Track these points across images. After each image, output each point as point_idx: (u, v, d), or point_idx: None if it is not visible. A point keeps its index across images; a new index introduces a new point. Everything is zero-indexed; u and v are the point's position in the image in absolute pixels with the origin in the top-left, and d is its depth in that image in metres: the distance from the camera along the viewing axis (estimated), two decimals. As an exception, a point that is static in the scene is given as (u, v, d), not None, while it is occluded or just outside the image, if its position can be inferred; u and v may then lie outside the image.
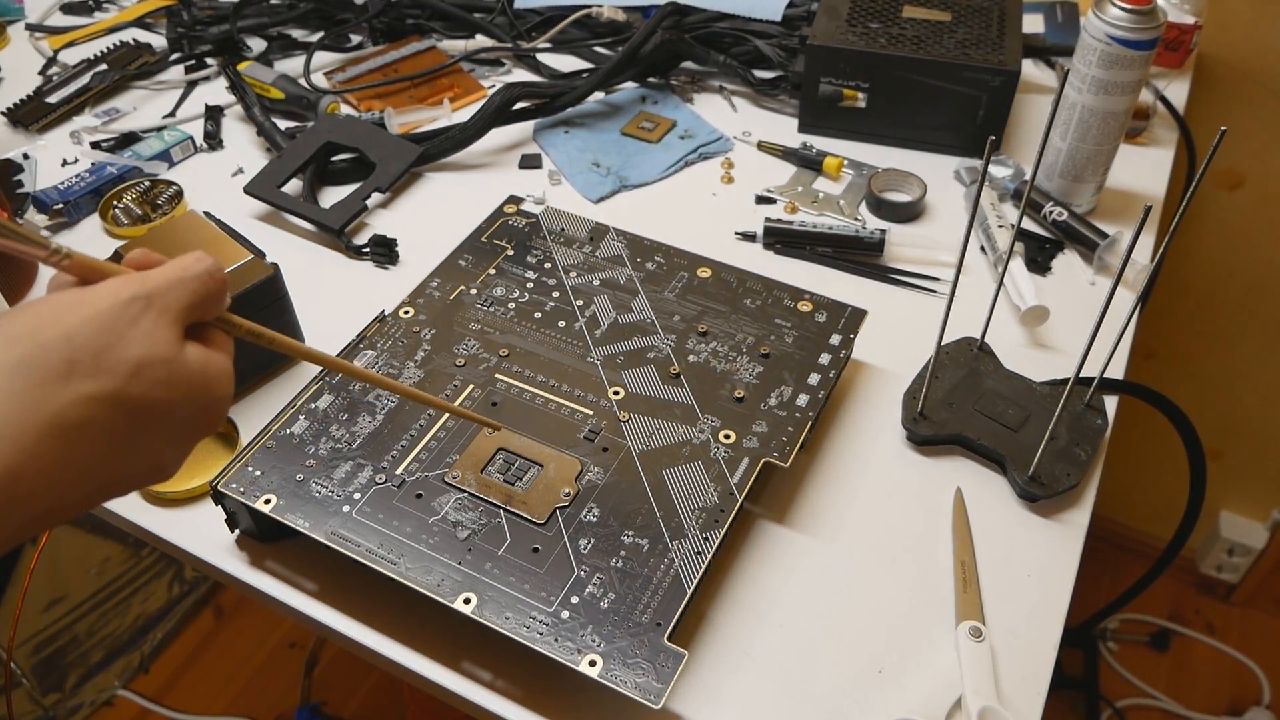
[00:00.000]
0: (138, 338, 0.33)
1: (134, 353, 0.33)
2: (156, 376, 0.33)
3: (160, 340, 0.34)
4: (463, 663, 0.52)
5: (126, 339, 0.33)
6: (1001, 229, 0.77)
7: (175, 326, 0.35)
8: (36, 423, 0.31)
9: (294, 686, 1.44)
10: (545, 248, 0.71)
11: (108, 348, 0.32)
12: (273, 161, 0.82)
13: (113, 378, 0.32)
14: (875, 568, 0.57)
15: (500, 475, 0.55)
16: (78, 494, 0.33)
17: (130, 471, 0.34)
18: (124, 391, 0.32)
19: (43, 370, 0.31)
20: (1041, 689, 0.51)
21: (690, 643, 0.53)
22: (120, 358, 0.33)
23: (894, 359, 0.69)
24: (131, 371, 0.33)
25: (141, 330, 0.33)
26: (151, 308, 0.34)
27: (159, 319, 0.34)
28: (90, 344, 0.32)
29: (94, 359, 0.32)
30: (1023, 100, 0.95)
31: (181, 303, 0.35)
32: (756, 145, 0.89)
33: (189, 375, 0.35)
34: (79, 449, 0.32)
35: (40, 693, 1.32)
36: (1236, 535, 1.48)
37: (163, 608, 1.47)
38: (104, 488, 0.34)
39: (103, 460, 0.33)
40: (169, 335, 0.34)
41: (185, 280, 0.36)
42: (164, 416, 0.34)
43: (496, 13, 1.03)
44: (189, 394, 0.35)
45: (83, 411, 0.32)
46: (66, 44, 1.02)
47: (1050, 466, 0.59)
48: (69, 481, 0.32)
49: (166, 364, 0.34)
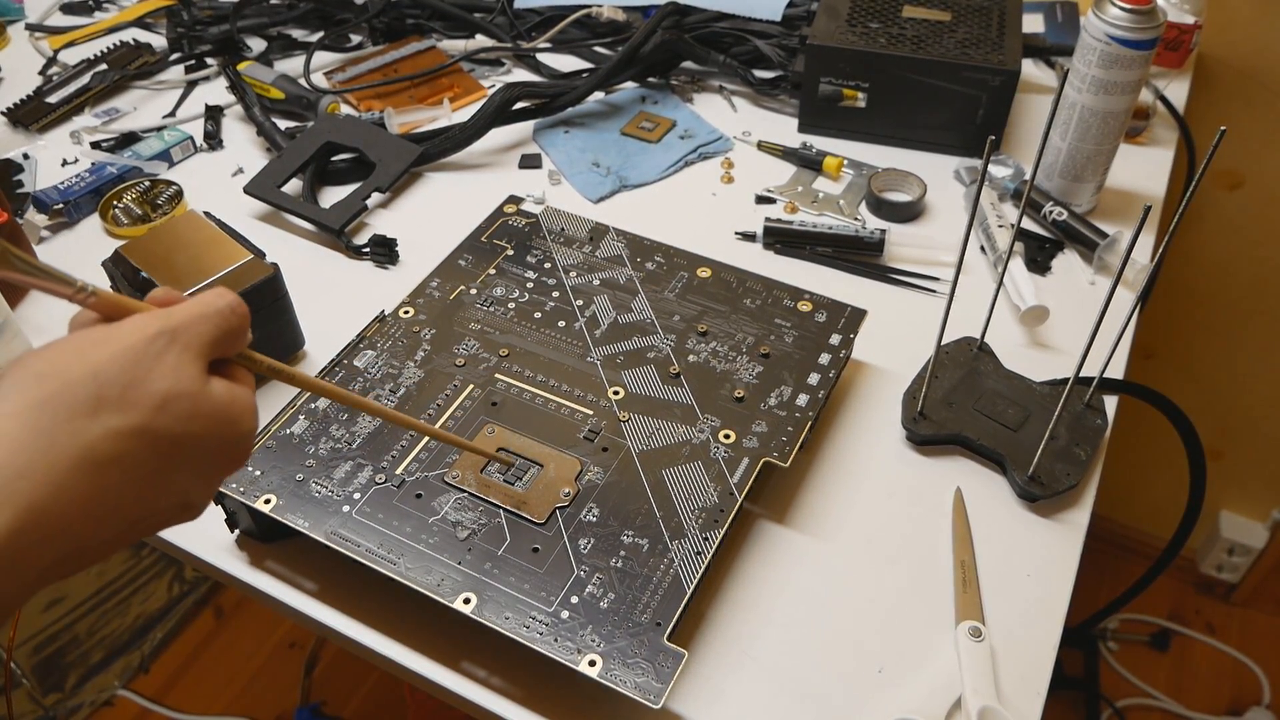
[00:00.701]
0: (163, 372, 0.34)
1: (160, 387, 0.33)
2: (182, 410, 0.34)
3: (185, 375, 0.34)
4: (463, 663, 0.52)
5: (152, 374, 0.33)
6: (1001, 229, 0.77)
7: (200, 361, 0.35)
8: (66, 458, 0.31)
9: (294, 686, 1.44)
10: (545, 248, 0.71)
11: (134, 383, 0.33)
12: (273, 161, 0.82)
13: (140, 412, 0.33)
14: (875, 568, 0.57)
15: (500, 475, 0.55)
16: (107, 531, 0.33)
17: (158, 508, 0.35)
18: (151, 425, 0.33)
19: (70, 406, 0.32)
20: (1041, 689, 0.51)
21: (690, 643, 0.53)
22: (147, 392, 0.33)
23: (894, 359, 0.69)
24: (158, 406, 0.33)
25: (167, 365, 0.34)
26: (176, 343, 0.34)
27: (183, 354, 0.34)
28: (117, 379, 0.32)
29: (121, 394, 0.32)
30: (1023, 100, 0.95)
31: (205, 338, 0.36)
32: (756, 145, 0.89)
33: (214, 409, 0.35)
34: (108, 484, 0.32)
35: (40, 693, 1.33)
36: (1236, 535, 1.48)
37: (163, 608, 1.47)
38: (134, 525, 0.34)
39: (132, 496, 0.33)
40: (194, 370, 0.35)
41: (208, 316, 0.36)
42: (190, 451, 0.34)
43: (496, 13, 1.03)
44: (214, 428, 0.35)
45: (112, 446, 0.32)
46: (66, 44, 1.02)
47: (1050, 466, 0.59)
48: (99, 517, 0.32)
49: (192, 398, 0.34)
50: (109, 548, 0.34)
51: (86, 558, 0.33)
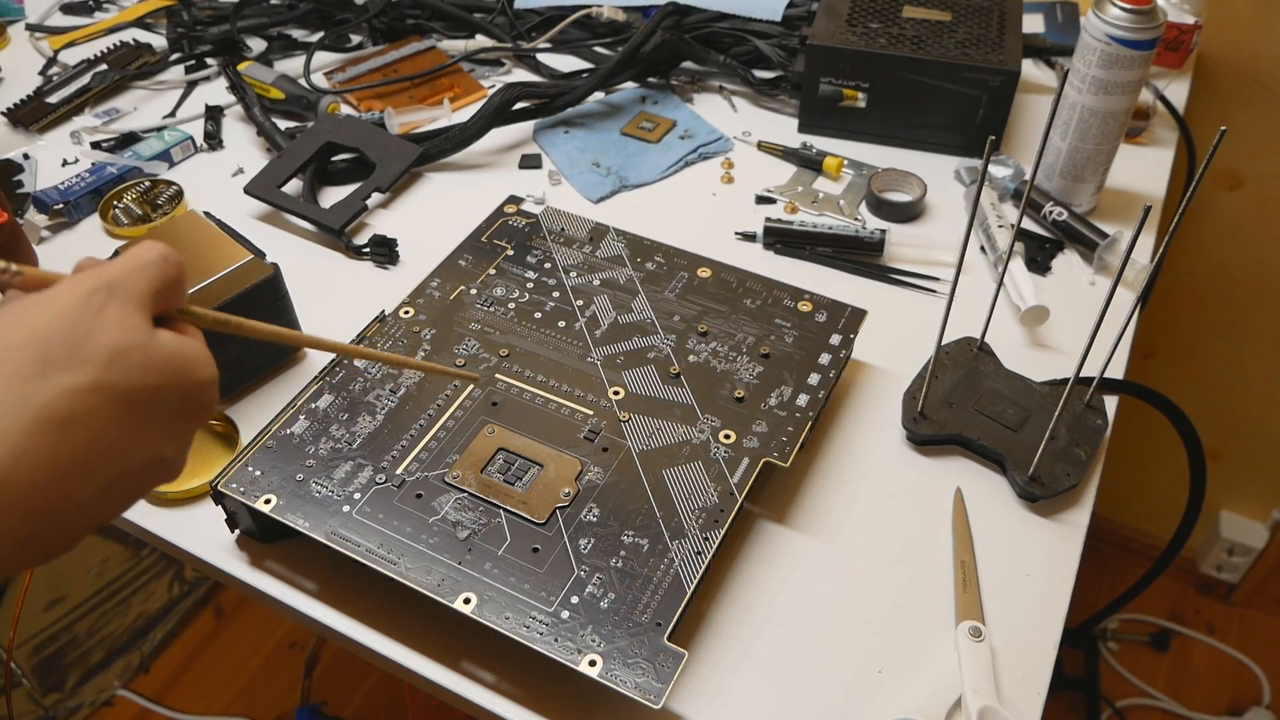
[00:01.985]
0: (107, 326, 0.33)
1: (106, 341, 0.32)
2: (134, 361, 0.33)
3: (130, 326, 0.33)
4: (463, 663, 0.52)
5: (95, 329, 0.32)
6: (1001, 229, 0.77)
7: (142, 313, 0.34)
8: (23, 419, 0.30)
9: (294, 686, 1.44)
10: (545, 248, 0.71)
11: (79, 340, 0.32)
12: (273, 161, 0.82)
13: (91, 368, 0.32)
14: (875, 568, 0.57)
15: (500, 475, 0.55)
16: (82, 491, 0.32)
17: (133, 465, 0.34)
18: (105, 380, 0.32)
19: (17, 370, 0.31)
20: (1041, 689, 0.51)
21: (690, 643, 0.53)
22: (94, 347, 0.32)
23: (894, 359, 0.69)
24: (108, 360, 0.32)
25: (109, 319, 0.33)
26: (114, 296, 0.33)
27: (124, 306, 0.34)
28: (61, 338, 0.32)
29: (68, 352, 0.32)
30: (1023, 100, 0.95)
31: (142, 289, 0.35)
32: (756, 145, 0.89)
33: (168, 358, 0.34)
34: (72, 442, 0.31)
35: (40, 693, 1.33)
36: (1236, 535, 1.48)
37: (163, 608, 1.47)
38: (112, 484, 0.33)
39: (101, 453, 0.32)
40: (137, 321, 0.34)
41: (140, 267, 0.35)
42: (152, 403, 0.34)
43: (496, 13, 1.03)
44: (171, 378, 0.34)
45: (68, 403, 0.31)
46: (66, 44, 1.02)
47: (1050, 466, 0.59)
48: (70, 477, 0.31)
49: (142, 348, 0.33)
50: (91, 513, 0.33)
51: (68, 525, 0.32)
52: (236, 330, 0.40)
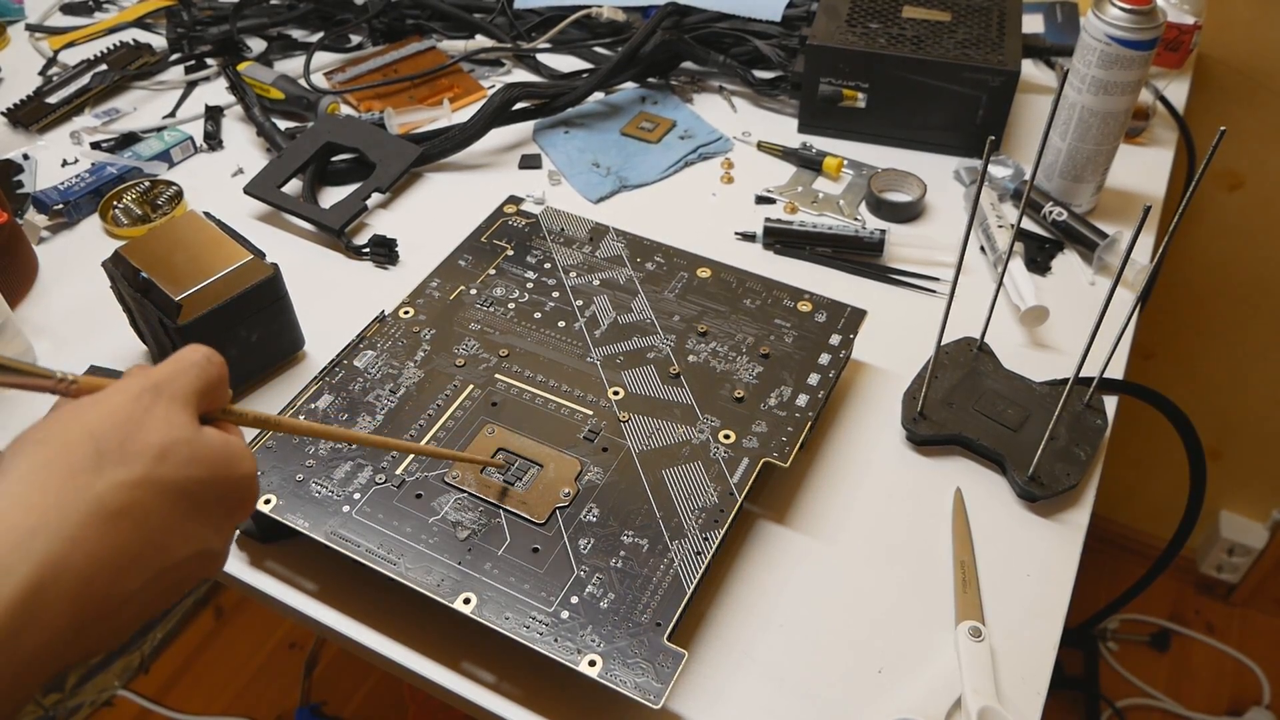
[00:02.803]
0: (156, 424, 0.35)
1: (155, 438, 0.34)
2: (181, 457, 0.35)
3: (177, 424, 0.35)
4: (463, 663, 0.52)
5: (145, 426, 0.34)
6: (1001, 229, 0.77)
7: (188, 410, 0.36)
8: (77, 512, 0.32)
9: (294, 686, 1.44)
10: (545, 248, 0.71)
11: (130, 437, 0.34)
12: (273, 162, 0.82)
13: (141, 463, 0.34)
14: (875, 568, 0.57)
15: (500, 475, 0.55)
16: (131, 582, 0.33)
17: (179, 558, 0.35)
18: (154, 474, 0.34)
19: (73, 464, 0.33)
20: (1041, 689, 0.51)
21: (690, 643, 0.53)
22: (144, 443, 0.34)
23: (894, 359, 0.69)
24: (157, 455, 0.34)
25: (158, 417, 0.35)
26: (162, 395, 0.36)
27: (171, 404, 0.36)
28: (113, 435, 0.34)
29: (120, 448, 0.33)
30: (1023, 100, 0.95)
31: (188, 389, 0.37)
32: (756, 145, 0.89)
33: (212, 454, 0.36)
34: (122, 535, 0.33)
35: (40, 693, 1.33)
36: (1236, 535, 1.48)
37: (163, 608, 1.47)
38: (158, 577, 0.34)
39: (149, 544, 0.34)
40: (184, 418, 0.36)
41: (186, 369, 0.37)
42: (197, 495, 0.35)
43: (496, 13, 1.03)
44: (216, 472, 0.36)
45: (120, 496, 0.33)
46: (66, 44, 1.02)
47: (1050, 466, 0.59)
48: (118, 569, 0.33)
49: (189, 444, 0.35)
50: (138, 606, 0.34)
51: (116, 618, 0.33)
52: (276, 428, 0.43)
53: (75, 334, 0.71)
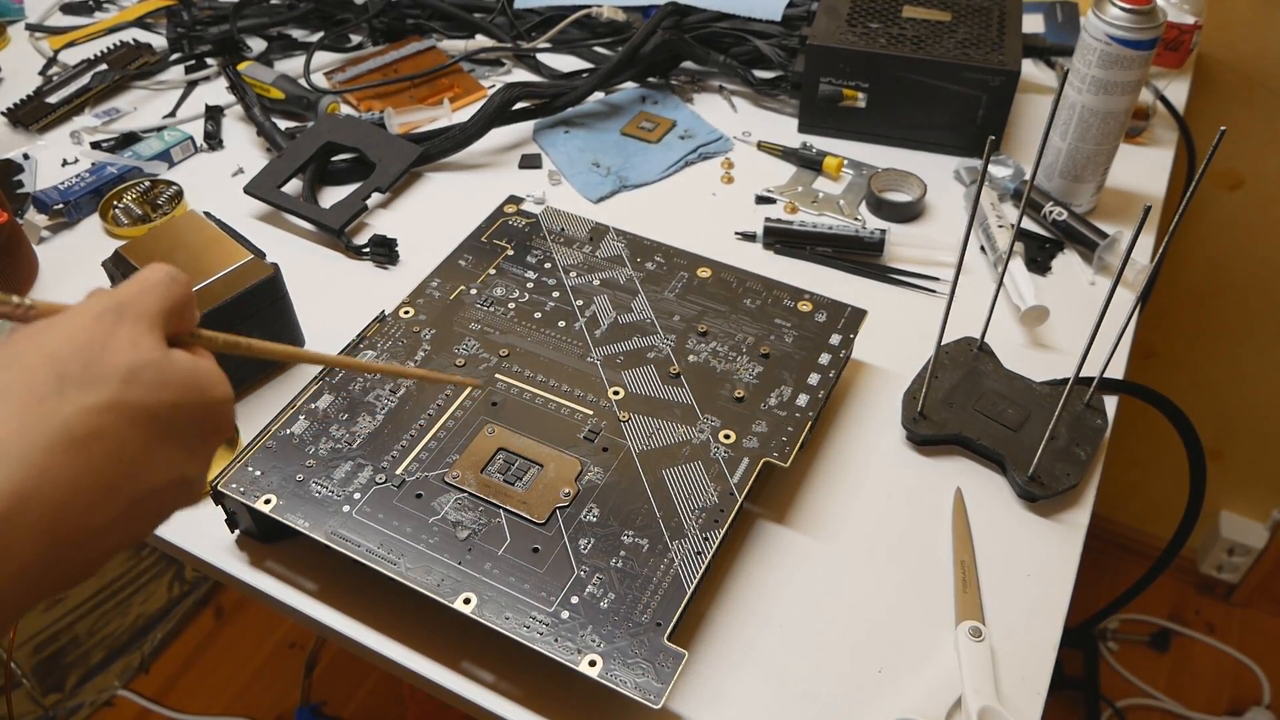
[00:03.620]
0: (121, 345, 0.33)
1: (121, 359, 0.32)
2: (150, 379, 0.33)
3: (144, 345, 0.33)
4: (463, 663, 0.52)
5: (109, 348, 0.32)
6: (1001, 229, 0.77)
7: (154, 332, 0.34)
8: (42, 439, 0.30)
9: (294, 686, 1.44)
10: (545, 248, 0.71)
11: (93, 359, 0.32)
12: (273, 161, 0.82)
13: (107, 386, 0.32)
14: (875, 568, 0.57)
15: (500, 475, 0.55)
16: (106, 512, 0.32)
17: (155, 485, 0.33)
18: (122, 398, 0.32)
19: (33, 390, 0.31)
20: (1041, 689, 0.51)
21: (690, 643, 0.53)
22: (109, 366, 0.32)
23: (894, 359, 0.69)
24: (124, 378, 0.32)
25: (123, 338, 0.33)
26: (125, 316, 0.34)
27: (135, 325, 0.34)
28: (75, 358, 0.32)
29: (83, 371, 0.31)
30: (1023, 100, 0.95)
31: (153, 309, 0.35)
32: (756, 145, 0.89)
33: (183, 376, 0.34)
34: (92, 460, 0.31)
35: (40, 693, 1.33)
36: (1236, 535, 1.48)
37: (163, 608, 1.47)
38: (134, 505, 0.33)
39: (121, 472, 0.32)
40: (151, 340, 0.34)
41: (149, 288, 0.35)
42: (170, 420, 0.33)
43: (496, 13, 1.03)
44: (187, 395, 0.34)
45: (87, 422, 0.31)
46: (66, 44, 1.02)
47: (1050, 466, 0.59)
48: (92, 497, 0.31)
49: (156, 365, 0.33)
50: (113, 536, 0.32)
51: (91, 548, 0.32)
52: (248, 352, 0.40)
53: (75, 334, 0.71)
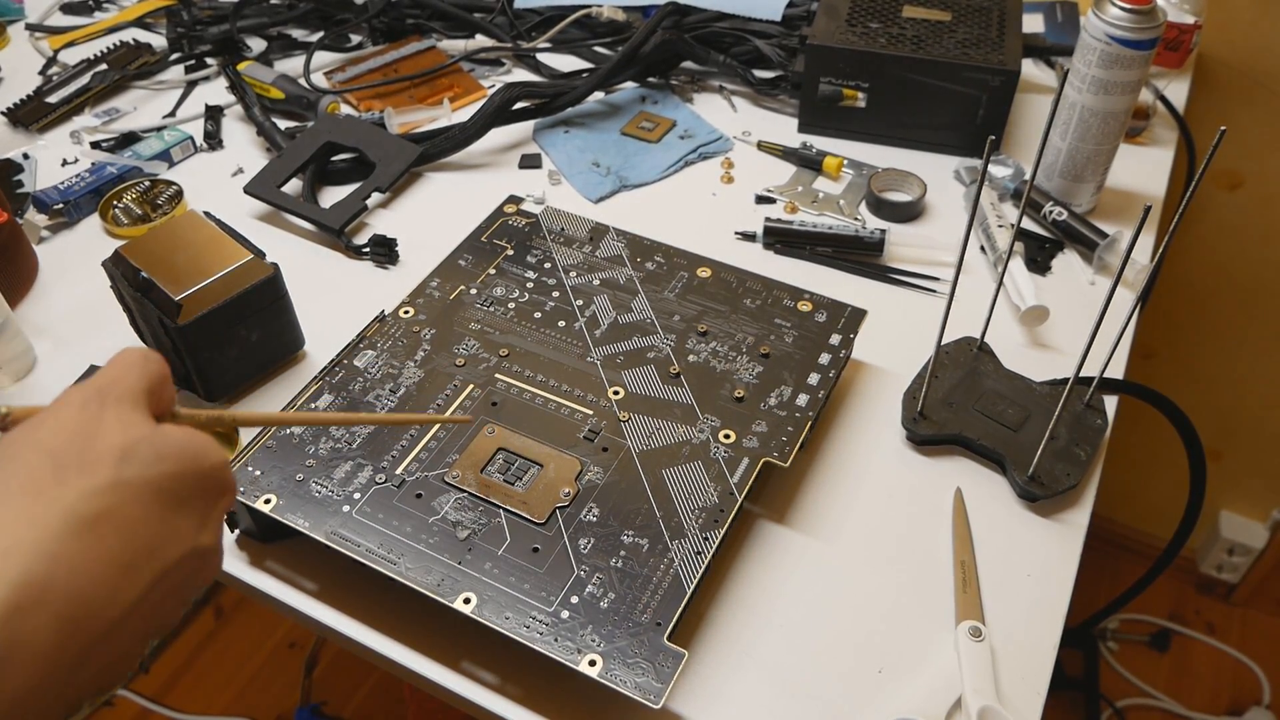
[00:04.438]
0: (110, 428, 0.33)
1: (114, 440, 0.33)
2: (145, 454, 0.33)
3: (133, 423, 0.34)
4: (463, 663, 0.52)
5: (99, 432, 0.33)
6: (1001, 229, 0.77)
7: (139, 410, 0.35)
8: (51, 527, 0.30)
9: (294, 686, 1.44)
10: (545, 248, 0.71)
11: (87, 445, 0.32)
12: (273, 161, 0.82)
13: (105, 466, 0.32)
14: (875, 567, 0.57)
15: (500, 475, 0.55)
16: (126, 594, 0.31)
17: (171, 558, 0.33)
18: (121, 476, 0.32)
19: (33, 482, 0.31)
20: (1041, 689, 0.51)
21: (690, 643, 0.53)
22: (103, 448, 0.32)
23: (894, 359, 0.69)
24: (120, 457, 0.32)
25: (110, 421, 0.33)
26: (108, 400, 0.34)
27: (119, 406, 0.34)
28: (68, 446, 0.32)
29: (79, 457, 0.32)
30: (1023, 100, 0.95)
31: (134, 388, 0.35)
32: (756, 145, 0.89)
33: (177, 447, 0.34)
34: (105, 541, 0.31)
35: None
36: (1236, 535, 1.48)
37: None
38: (154, 585, 0.33)
39: (136, 550, 0.32)
40: (138, 417, 0.34)
41: (125, 370, 0.36)
42: (172, 491, 0.34)
43: (496, 13, 1.03)
44: (183, 465, 0.34)
45: (92, 503, 0.31)
46: (66, 44, 1.02)
47: (1050, 466, 0.59)
48: (110, 579, 0.31)
49: (149, 441, 0.33)
50: (140, 620, 0.32)
51: (119, 637, 0.31)
52: (231, 424, 0.41)
53: (75, 334, 0.71)
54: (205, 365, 0.62)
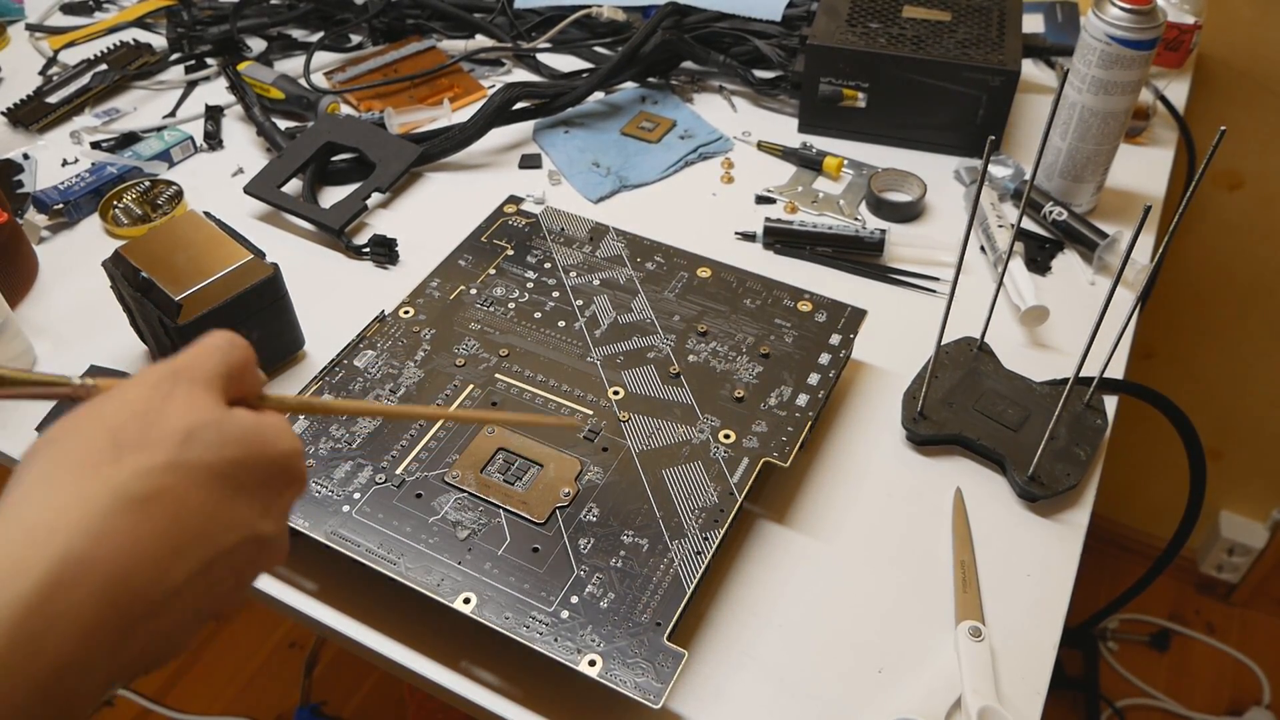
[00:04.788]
0: (177, 409, 0.32)
1: (178, 421, 0.32)
2: (208, 439, 0.32)
3: (201, 406, 0.33)
4: (463, 663, 0.52)
5: (166, 412, 0.32)
6: (1001, 229, 0.77)
7: (211, 393, 0.34)
8: (100, 502, 0.29)
9: (294, 686, 1.44)
10: (545, 248, 0.71)
11: (150, 423, 0.32)
12: (273, 161, 0.82)
13: (165, 447, 0.31)
14: (875, 567, 0.57)
15: (500, 475, 0.55)
16: (175, 574, 0.31)
17: (226, 544, 0.32)
18: (180, 458, 0.31)
19: (91, 458, 0.31)
20: (1041, 689, 0.51)
21: (690, 643, 0.53)
22: (166, 428, 0.32)
23: (894, 359, 0.69)
24: (182, 439, 0.32)
25: (179, 402, 0.33)
26: (180, 380, 0.34)
27: (192, 388, 0.34)
28: (131, 424, 0.32)
29: (140, 436, 0.31)
30: (1023, 100, 0.95)
31: (210, 370, 0.35)
32: (756, 145, 0.89)
33: (243, 433, 0.34)
34: (154, 522, 0.30)
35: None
36: (1236, 535, 1.48)
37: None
38: (208, 568, 0.32)
39: (188, 533, 0.31)
40: (208, 400, 0.34)
41: (206, 352, 0.35)
42: (233, 477, 0.33)
43: (496, 13, 1.03)
44: (251, 450, 0.33)
45: (145, 484, 0.30)
46: (66, 44, 1.02)
47: (1050, 466, 0.59)
48: (158, 559, 0.30)
49: (215, 424, 0.33)
50: (189, 600, 0.31)
51: (167, 615, 0.31)
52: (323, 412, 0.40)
53: (75, 334, 0.71)
54: (205, 365, 0.62)
